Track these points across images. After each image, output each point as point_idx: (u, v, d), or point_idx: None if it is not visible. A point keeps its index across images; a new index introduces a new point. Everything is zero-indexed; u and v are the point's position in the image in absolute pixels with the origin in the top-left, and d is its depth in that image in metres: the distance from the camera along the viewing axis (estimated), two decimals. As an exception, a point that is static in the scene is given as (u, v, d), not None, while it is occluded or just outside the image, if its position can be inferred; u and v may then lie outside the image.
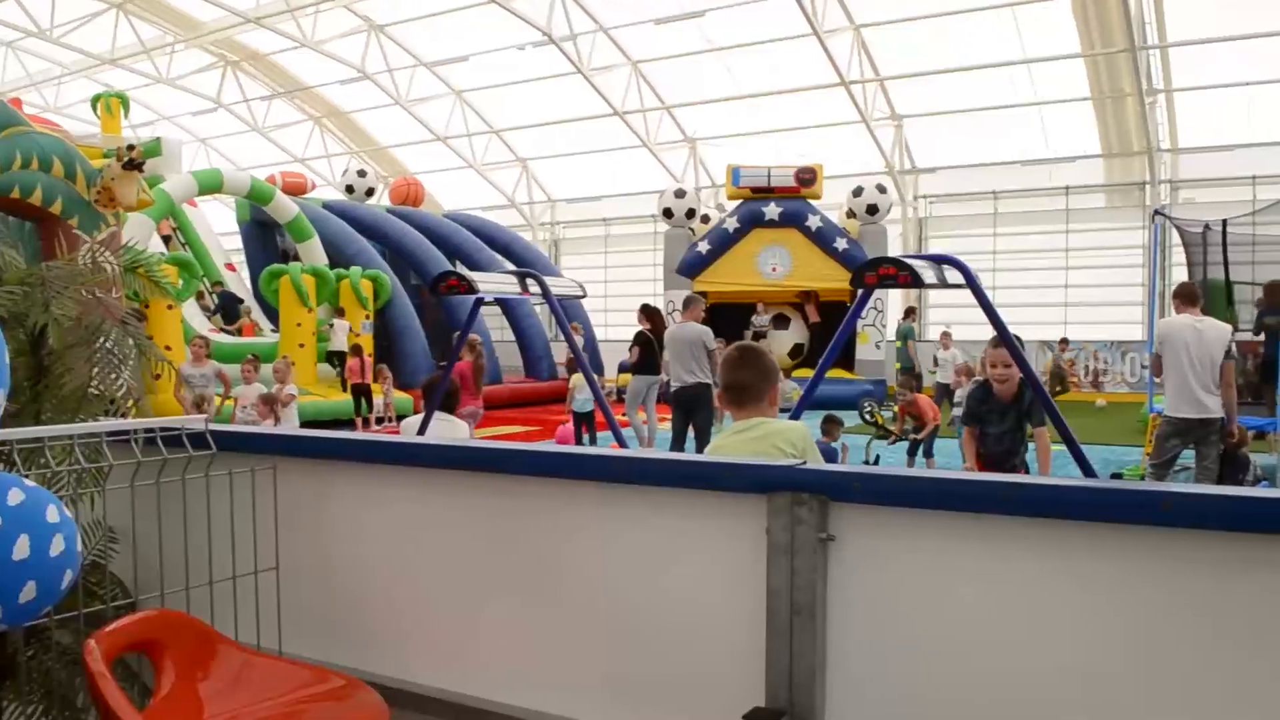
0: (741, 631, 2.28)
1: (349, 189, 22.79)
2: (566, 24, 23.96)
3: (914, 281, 3.50)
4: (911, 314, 17.78)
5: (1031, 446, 5.98)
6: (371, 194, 23.21)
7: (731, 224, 21.06)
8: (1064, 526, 1.99)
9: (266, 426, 10.23)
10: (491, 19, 23.94)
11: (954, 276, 3.80)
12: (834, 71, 22.48)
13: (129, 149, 10.12)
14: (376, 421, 16.02)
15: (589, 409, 12.87)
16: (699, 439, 10.56)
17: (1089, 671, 1.98)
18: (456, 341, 5.87)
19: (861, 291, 3.81)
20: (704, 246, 21.17)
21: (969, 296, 4.14)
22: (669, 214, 21.65)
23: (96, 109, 18.55)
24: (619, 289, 27.10)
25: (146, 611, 2.71)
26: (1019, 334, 5.15)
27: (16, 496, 2.22)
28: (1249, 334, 11.90)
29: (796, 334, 21.10)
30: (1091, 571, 1.98)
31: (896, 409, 10.99)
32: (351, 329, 17.32)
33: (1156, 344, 7.92)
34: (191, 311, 17.13)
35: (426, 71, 27.17)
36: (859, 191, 20.66)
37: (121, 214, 10.47)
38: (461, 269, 19.03)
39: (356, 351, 16.26)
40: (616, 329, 24.10)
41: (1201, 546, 1.87)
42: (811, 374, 5.79)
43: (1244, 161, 20.86)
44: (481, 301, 5.23)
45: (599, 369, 20.59)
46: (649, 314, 12.53)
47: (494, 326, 22.48)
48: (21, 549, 2.17)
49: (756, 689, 2.25)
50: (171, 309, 14.58)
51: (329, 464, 3.00)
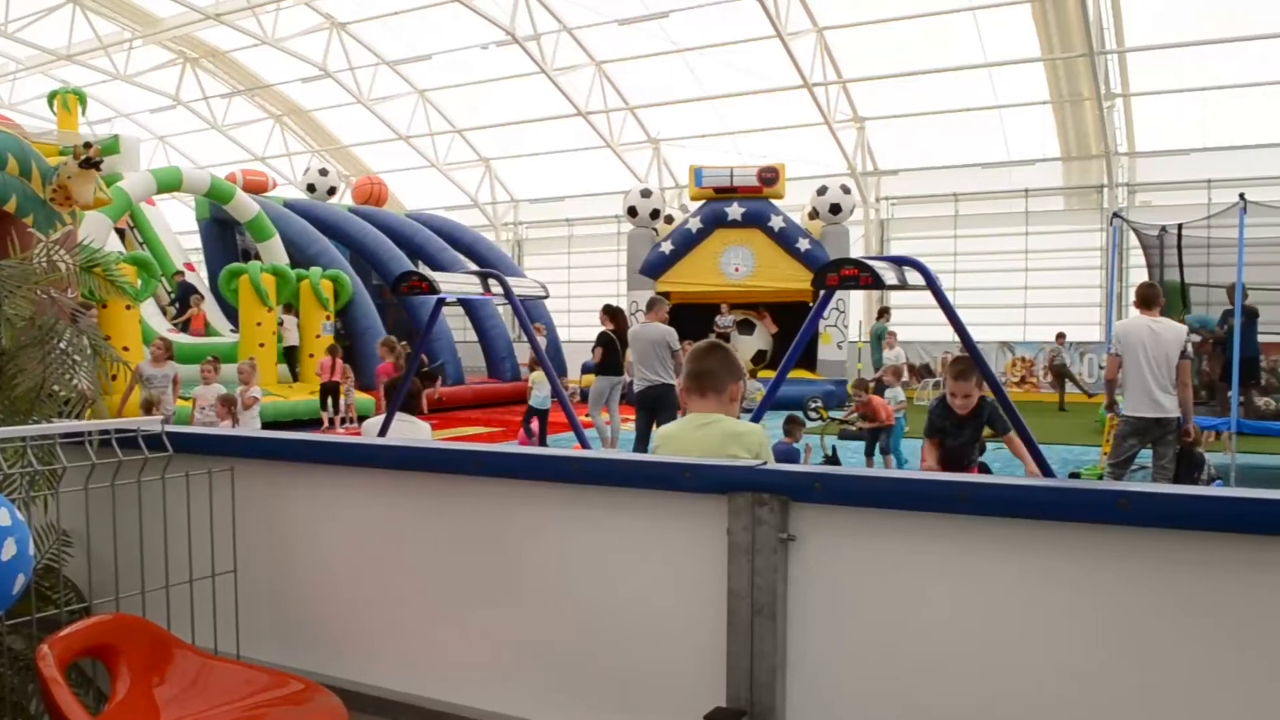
0: (702, 632, 2.28)
1: (310, 188, 22.60)
2: (530, 24, 23.91)
3: (875, 283, 3.52)
4: (885, 314, 17.87)
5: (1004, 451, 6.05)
6: (333, 193, 23.04)
7: (694, 224, 21.11)
8: (1022, 525, 2.01)
9: (225, 428, 10.13)
10: (454, 18, 23.82)
11: (915, 278, 3.82)
12: (797, 73, 22.57)
13: (86, 146, 9.97)
14: (341, 422, 15.91)
15: (547, 406, 13.07)
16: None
17: (1048, 668, 2.00)
18: (419, 342, 5.84)
19: (823, 292, 3.82)
20: (667, 247, 21.20)
21: (930, 297, 4.18)
22: (634, 213, 21.66)
23: (53, 105, 18.28)
24: (582, 289, 27.08)
25: (101, 616, 2.67)
26: (977, 336, 5.20)
27: (-33, 500, 2.18)
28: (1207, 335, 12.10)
29: (761, 340, 21.17)
30: (1050, 570, 2.00)
31: (852, 408, 11.03)
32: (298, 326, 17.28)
33: (1114, 345, 8.02)
34: (150, 311, 16.92)
35: (389, 70, 27.01)
36: (823, 190, 20.77)
37: (78, 212, 10.34)
38: (424, 269, 18.94)
39: (332, 351, 16.24)
40: (579, 329, 24.07)
41: (1157, 544, 1.90)
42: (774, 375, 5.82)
43: (1199, 165, 21.18)
44: (443, 302, 5.21)
45: (561, 369, 20.56)
46: (612, 314, 12.53)
47: (457, 327, 22.40)
48: (-28, 553, 2.14)
49: (718, 689, 2.26)
50: (130, 309, 14.38)
51: (287, 465, 2.97)
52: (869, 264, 3.49)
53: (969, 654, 2.07)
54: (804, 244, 20.30)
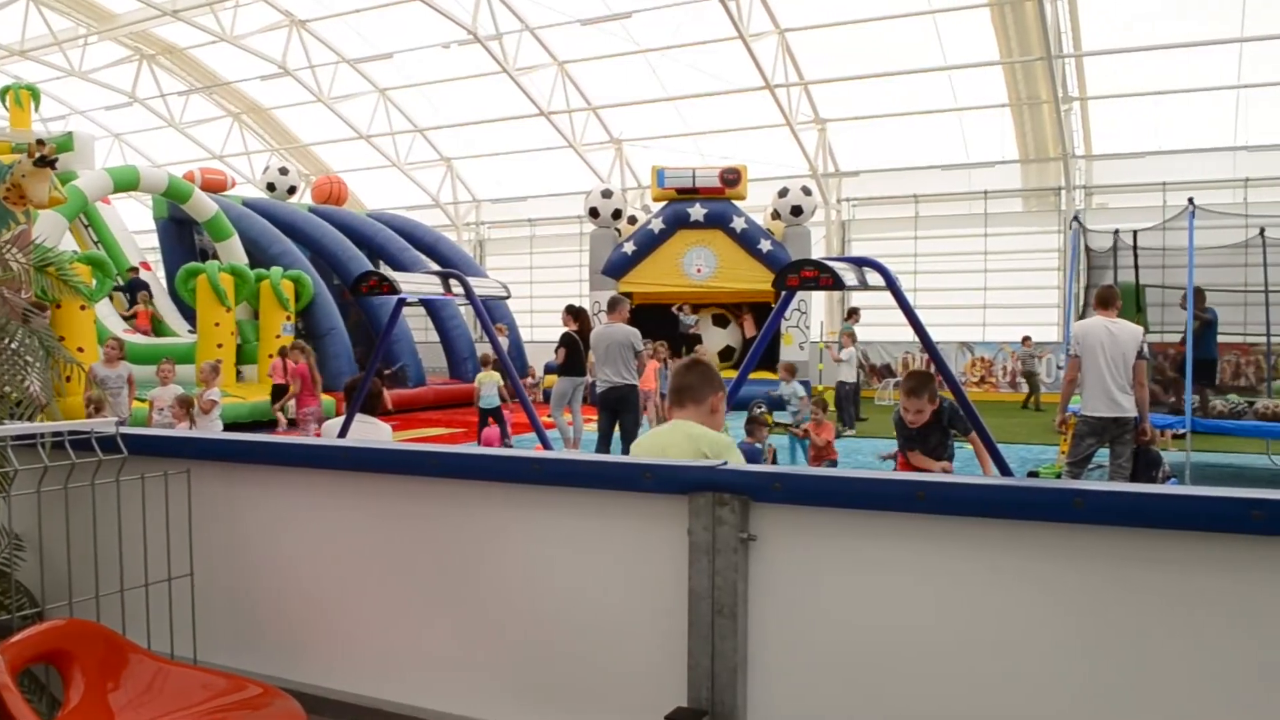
0: (663, 632, 2.28)
1: (270, 187, 22.39)
2: (492, 23, 23.83)
3: (835, 284, 3.54)
4: (855, 315, 17.96)
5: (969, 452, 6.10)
6: (293, 192, 22.83)
7: (657, 225, 21.12)
8: (981, 524, 2.03)
9: (182, 430, 10.02)
10: (416, 16, 23.70)
11: (875, 279, 3.85)
12: (759, 75, 22.66)
13: (40, 144, 9.80)
14: (292, 424, 15.76)
15: (495, 404, 13.07)
16: (625, 440, 10.56)
17: (1006, 665, 2.02)
18: (379, 343, 5.81)
19: (784, 293, 3.84)
20: (629, 247, 21.20)
21: (891, 298, 4.21)
22: (595, 214, 21.64)
23: (5, 102, 17.98)
24: (544, 290, 27.04)
25: (54, 621, 2.63)
26: (937, 336, 5.24)
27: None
28: (1161, 336, 12.28)
29: (731, 335, 21.23)
30: (1008, 567, 2.02)
31: (804, 428, 11.02)
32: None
33: (1073, 346, 8.12)
34: (105, 311, 16.69)
35: (349, 68, 26.81)
36: (784, 192, 20.86)
37: (32, 211, 10.16)
38: (385, 269, 18.85)
39: (282, 353, 16.09)
40: (542, 330, 24.05)
41: (1112, 542, 1.92)
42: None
43: (1154, 168, 21.51)
44: (404, 302, 5.18)
45: (524, 370, 20.50)
46: (575, 315, 12.51)
47: (418, 328, 22.28)
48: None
49: (679, 689, 2.26)
50: (84, 309, 14.18)
51: (245, 468, 2.94)
52: (829, 265, 3.51)
53: (928, 652, 2.08)
54: (766, 245, 20.37)
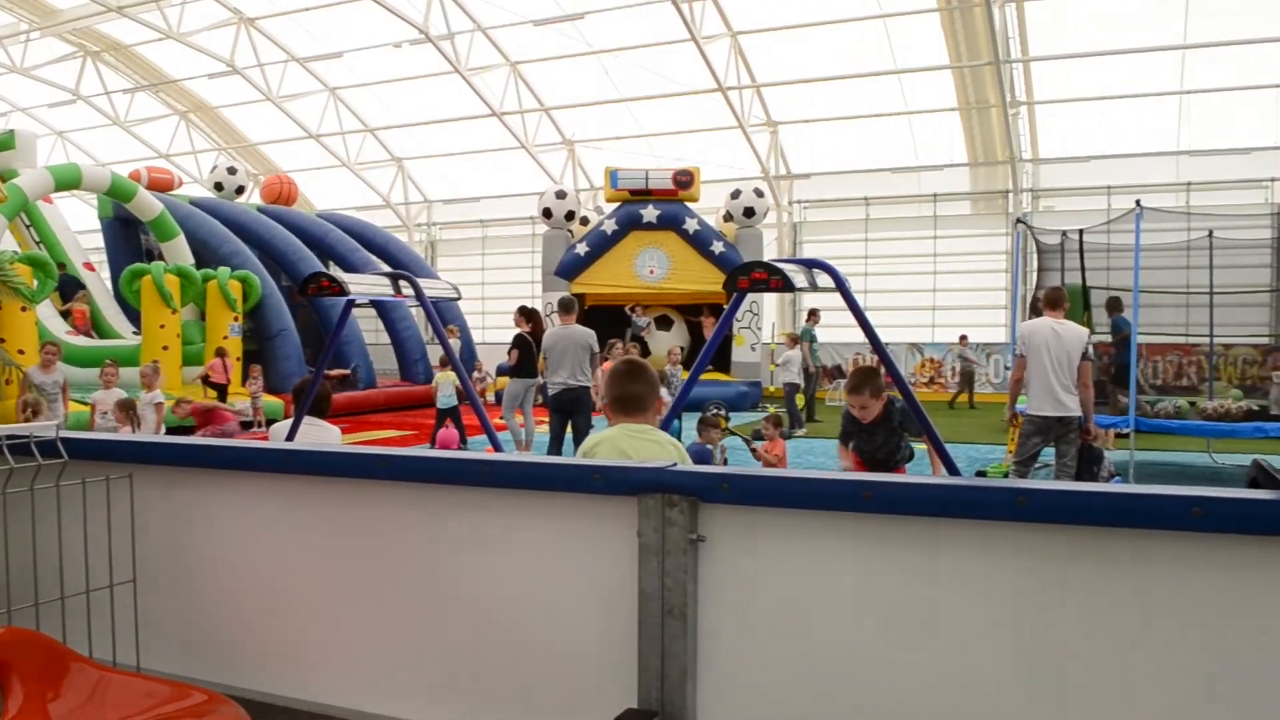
0: (613, 633, 2.28)
1: (218, 186, 22.09)
2: (444, 23, 23.70)
3: (785, 286, 3.55)
4: (814, 316, 18.08)
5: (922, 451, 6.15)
6: (242, 192, 22.54)
7: (610, 226, 21.13)
8: (927, 523, 2.05)
9: (125, 434, 9.87)
10: (366, 15, 23.51)
11: (824, 280, 3.86)
12: (711, 77, 22.73)
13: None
14: (244, 426, 15.59)
15: (453, 405, 13.04)
16: (578, 442, 10.54)
17: (954, 663, 2.04)
18: (327, 345, 5.75)
19: (735, 295, 3.85)
20: (582, 248, 21.19)
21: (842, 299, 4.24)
22: (548, 214, 21.61)
23: (-57, 99, 17.61)
24: (496, 291, 26.93)
25: (-9, 629, 2.58)
26: (887, 337, 5.28)
27: None
28: (1106, 336, 12.48)
29: (678, 337, 21.27)
30: (954, 566, 2.04)
31: (758, 449, 11.08)
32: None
33: (1019, 345, 8.23)
34: (47, 313, 16.38)
35: (299, 67, 26.53)
36: (737, 193, 20.96)
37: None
38: (335, 270, 18.68)
39: (220, 353, 16.04)
40: (494, 331, 23.95)
41: (1053, 540, 1.95)
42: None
43: (1099, 172, 21.87)
44: (353, 304, 5.13)
45: (471, 364, 20.42)
46: (528, 316, 12.46)
47: (369, 329, 22.10)
48: None
49: (629, 690, 2.26)
50: (25, 311, 13.90)
51: (189, 471, 2.90)
52: (779, 267, 3.53)
53: (876, 650, 2.10)
54: (718, 246, 20.45)
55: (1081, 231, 13.42)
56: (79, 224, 22.13)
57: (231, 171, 22.63)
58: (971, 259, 22.97)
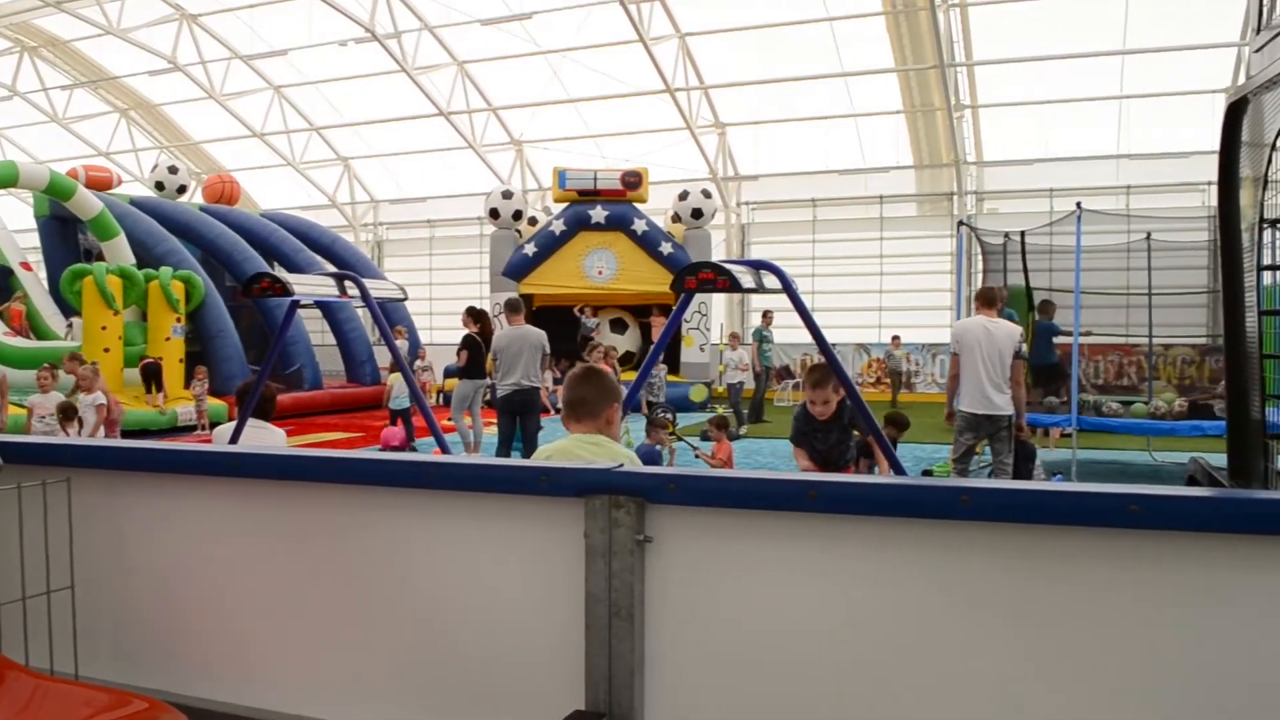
0: (560, 635, 2.28)
1: (159, 185, 21.72)
2: (390, 21, 23.53)
3: (732, 286, 3.57)
4: (767, 317, 18.17)
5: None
6: (184, 191, 22.18)
7: (558, 226, 21.10)
8: (872, 522, 2.07)
9: (64, 437, 9.69)
10: (312, 13, 23.28)
11: (771, 281, 3.89)
12: (659, 78, 22.78)
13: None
14: (188, 429, 15.39)
15: (405, 406, 13.00)
16: (527, 443, 10.50)
17: (901, 662, 2.06)
18: (272, 347, 5.68)
19: (683, 295, 3.86)
20: (530, 249, 21.14)
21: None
22: (496, 215, 21.53)
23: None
24: (444, 291, 26.79)
25: (-77, 638, 2.52)
26: (834, 338, 5.34)
27: None
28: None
29: (629, 340, 21.30)
30: (899, 564, 2.06)
31: (703, 451, 11.14)
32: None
33: (953, 344, 8.33)
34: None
35: (242, 65, 26.20)
36: (685, 195, 21.02)
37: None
38: (280, 271, 18.46)
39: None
40: (442, 332, 23.81)
41: (996, 538, 1.98)
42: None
43: (1042, 174, 22.23)
44: (297, 304, 5.08)
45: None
46: (476, 317, 12.39)
47: (315, 330, 21.87)
48: None
49: (576, 693, 2.26)
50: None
51: (130, 475, 2.85)
52: (726, 268, 3.55)
53: (823, 650, 2.11)
54: (667, 247, 20.50)
55: (1023, 233, 13.64)
56: (15, 223, 21.69)
57: (173, 170, 22.26)
58: (917, 260, 23.22)
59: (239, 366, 17.87)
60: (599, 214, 20.76)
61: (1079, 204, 11.02)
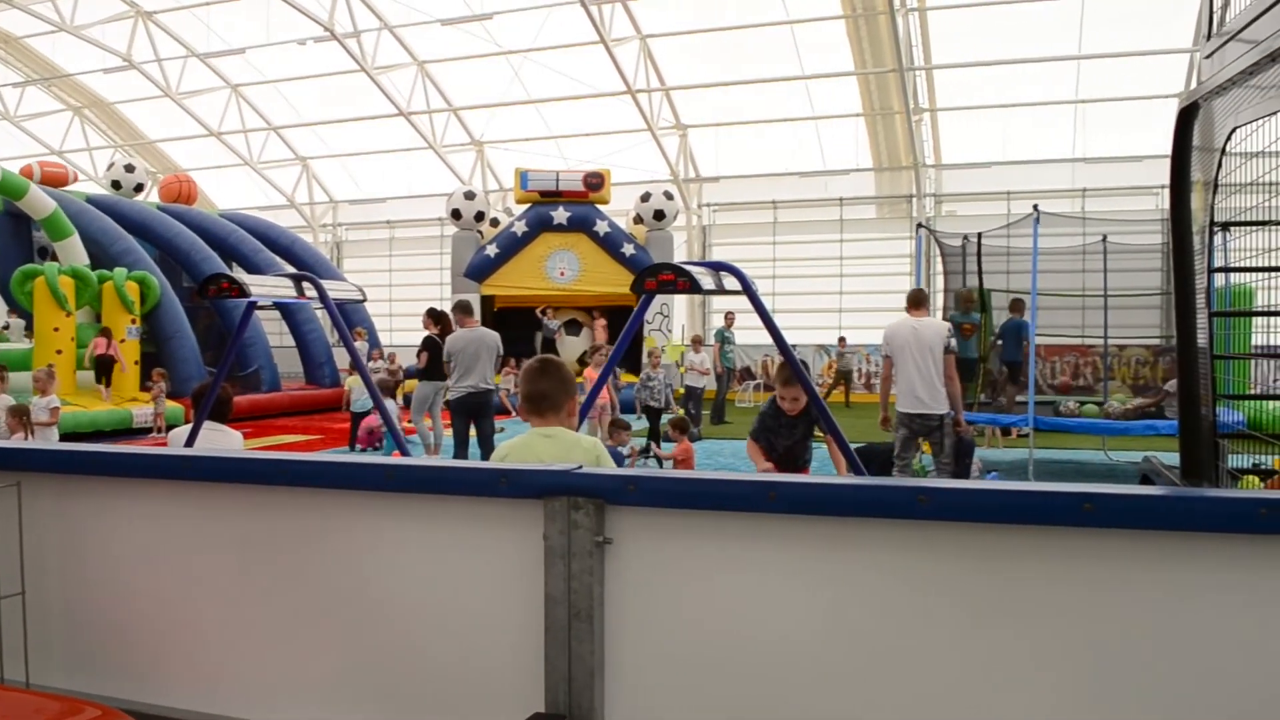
0: (520, 637, 2.27)
1: (115, 185, 21.42)
2: (350, 20, 23.37)
3: (692, 288, 3.57)
4: (730, 318, 18.21)
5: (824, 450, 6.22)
6: (140, 190, 21.90)
7: (520, 228, 21.05)
8: (830, 523, 2.08)
9: (16, 441, 9.52)
10: (270, 11, 23.06)
11: (731, 283, 3.90)
12: (621, 80, 22.79)
13: None
14: (144, 433, 15.20)
15: (368, 408, 12.93)
16: (484, 445, 10.47)
17: (859, 661, 2.07)
18: (228, 348, 5.62)
19: (643, 297, 3.86)
20: (492, 250, 21.07)
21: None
22: (457, 215, 21.44)
23: None
24: (405, 293, 26.63)
25: None
26: (794, 339, 5.36)
27: None
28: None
29: (586, 342, 21.26)
30: (858, 564, 2.08)
31: (662, 454, 11.15)
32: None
33: (884, 347, 8.39)
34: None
35: (199, 63, 25.91)
36: (647, 196, 21.04)
37: None
38: (238, 271, 18.28)
39: (105, 333, 16.13)
40: (402, 334, 23.66)
41: (953, 537, 2.00)
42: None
43: (999, 177, 22.47)
44: (255, 305, 5.02)
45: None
46: (436, 318, 12.30)
47: (273, 332, 21.66)
48: None
49: (536, 694, 2.25)
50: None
51: (82, 479, 2.81)
52: (686, 269, 3.55)
53: (783, 649, 2.12)
54: (629, 249, 20.51)
55: (980, 235, 13.77)
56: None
57: (129, 169, 21.95)
58: (877, 262, 23.36)
59: (195, 368, 17.66)
60: (561, 215, 20.74)
61: (1036, 206, 11.14)
